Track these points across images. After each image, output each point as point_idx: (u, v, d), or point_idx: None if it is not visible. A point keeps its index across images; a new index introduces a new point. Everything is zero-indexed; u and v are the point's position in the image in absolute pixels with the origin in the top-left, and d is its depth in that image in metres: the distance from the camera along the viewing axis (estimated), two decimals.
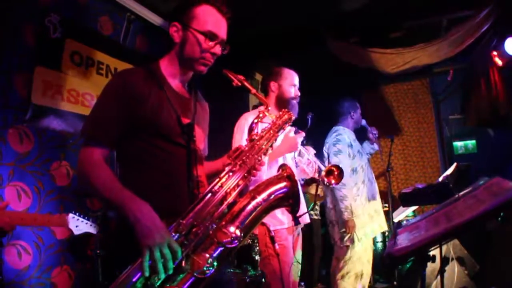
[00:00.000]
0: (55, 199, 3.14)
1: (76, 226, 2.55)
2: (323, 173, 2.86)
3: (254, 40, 4.71)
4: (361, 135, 4.16)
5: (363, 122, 4.11)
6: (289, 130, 2.57)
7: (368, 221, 3.68)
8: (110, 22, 3.85)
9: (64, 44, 3.30)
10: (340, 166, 2.90)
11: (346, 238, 3.60)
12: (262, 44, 4.79)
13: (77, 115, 3.34)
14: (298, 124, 2.85)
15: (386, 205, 5.52)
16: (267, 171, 2.43)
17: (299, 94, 2.80)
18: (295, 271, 2.61)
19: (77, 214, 2.56)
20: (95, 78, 3.54)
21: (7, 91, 2.92)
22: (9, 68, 2.94)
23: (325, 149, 3.85)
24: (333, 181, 2.84)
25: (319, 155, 3.68)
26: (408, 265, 4.36)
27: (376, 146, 4.22)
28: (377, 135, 4.17)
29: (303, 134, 2.63)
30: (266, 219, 2.41)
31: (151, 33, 4.32)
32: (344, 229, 3.56)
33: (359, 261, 3.63)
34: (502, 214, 1.39)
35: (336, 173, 2.85)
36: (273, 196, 1.47)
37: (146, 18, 4.20)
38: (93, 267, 2.99)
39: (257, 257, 2.77)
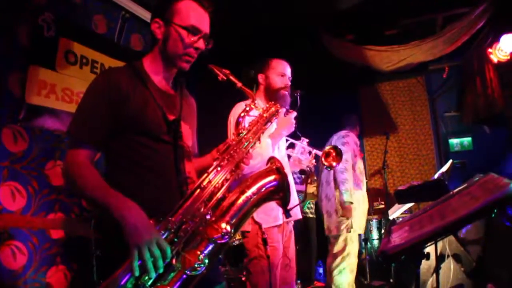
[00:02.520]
0: (50, 199, 3.12)
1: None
2: (322, 157, 2.79)
3: (250, 38, 4.71)
4: None
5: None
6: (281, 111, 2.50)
7: (362, 217, 3.87)
8: (105, 21, 3.82)
9: (58, 43, 3.28)
10: (339, 148, 2.82)
11: (343, 226, 3.74)
12: (258, 41, 4.78)
13: (72, 114, 3.31)
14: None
15: (382, 202, 5.54)
16: (273, 154, 2.33)
17: (289, 83, 2.65)
18: (291, 271, 2.58)
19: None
20: (89, 77, 3.51)
21: (1, 90, 2.89)
22: (3, 67, 2.91)
23: (332, 140, 4.03)
24: (334, 163, 2.75)
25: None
26: (404, 263, 4.38)
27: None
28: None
29: (295, 113, 2.54)
30: (259, 217, 2.37)
31: (146, 31, 4.30)
32: (342, 215, 3.70)
33: (354, 256, 3.74)
34: (495, 210, 1.39)
35: (334, 153, 2.76)
36: (263, 189, 1.47)
37: (140, 17, 4.18)
38: (89, 267, 2.98)
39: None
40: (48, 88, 3.19)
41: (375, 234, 5.15)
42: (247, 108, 1.62)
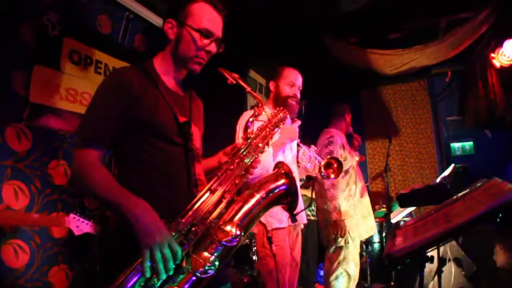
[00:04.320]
0: (53, 198, 3.12)
1: (77, 227, 2.54)
2: (322, 164, 2.82)
3: (253, 39, 4.71)
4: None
5: (350, 129, 4.09)
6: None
7: (361, 222, 3.71)
8: (109, 21, 3.83)
9: (62, 43, 3.29)
10: (340, 159, 2.88)
11: (340, 239, 3.58)
12: (261, 43, 4.79)
13: (76, 114, 3.33)
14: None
15: (384, 206, 5.54)
16: (273, 164, 2.36)
17: (297, 94, 2.70)
18: (293, 272, 2.59)
19: (78, 214, 2.56)
20: (93, 77, 3.53)
21: (5, 89, 2.90)
22: (7, 67, 2.92)
23: (317, 151, 3.71)
24: (332, 175, 2.80)
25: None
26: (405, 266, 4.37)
27: (357, 154, 4.16)
28: (360, 144, 4.21)
29: (299, 122, 2.58)
30: (265, 218, 2.40)
31: (150, 32, 4.31)
32: (335, 231, 3.52)
33: (352, 261, 3.64)
34: (500, 215, 1.39)
35: (335, 165, 2.81)
36: (272, 193, 1.46)
37: (144, 17, 4.19)
38: (91, 267, 2.98)
39: (254, 257, 2.76)
40: (52, 87, 3.19)
41: (376, 237, 5.14)
42: (256, 113, 1.62)
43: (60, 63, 3.27)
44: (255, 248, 2.55)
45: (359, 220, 3.69)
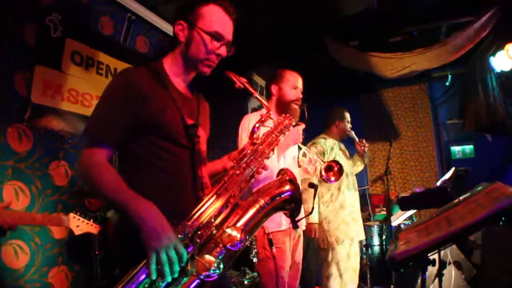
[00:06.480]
0: (53, 199, 3.13)
1: (77, 226, 2.54)
2: (322, 167, 2.92)
3: (253, 43, 4.71)
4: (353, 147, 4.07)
5: (352, 133, 4.01)
6: None
7: (342, 228, 3.66)
8: (111, 22, 3.84)
9: (64, 44, 3.29)
10: (340, 162, 2.96)
11: (321, 241, 3.68)
12: (262, 46, 4.79)
13: (77, 115, 3.34)
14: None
15: (384, 209, 5.54)
16: (278, 164, 2.42)
17: (300, 96, 2.72)
18: (295, 273, 2.61)
19: (78, 213, 2.56)
20: (95, 78, 3.54)
21: (7, 89, 2.90)
22: (10, 67, 2.92)
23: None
24: (332, 178, 2.92)
25: None
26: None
27: (365, 160, 4.08)
28: (366, 148, 3.96)
29: (303, 125, 2.59)
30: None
31: (152, 34, 4.33)
32: (308, 234, 3.51)
33: (342, 263, 3.62)
34: (503, 219, 1.39)
35: (335, 169, 2.93)
36: (276, 199, 1.47)
37: (146, 19, 4.20)
38: (91, 268, 2.98)
39: (255, 260, 2.77)
40: (54, 88, 3.20)
41: (376, 240, 5.14)
42: (263, 119, 1.63)
43: (62, 64, 3.27)
44: (255, 250, 2.56)
45: (341, 226, 3.65)
